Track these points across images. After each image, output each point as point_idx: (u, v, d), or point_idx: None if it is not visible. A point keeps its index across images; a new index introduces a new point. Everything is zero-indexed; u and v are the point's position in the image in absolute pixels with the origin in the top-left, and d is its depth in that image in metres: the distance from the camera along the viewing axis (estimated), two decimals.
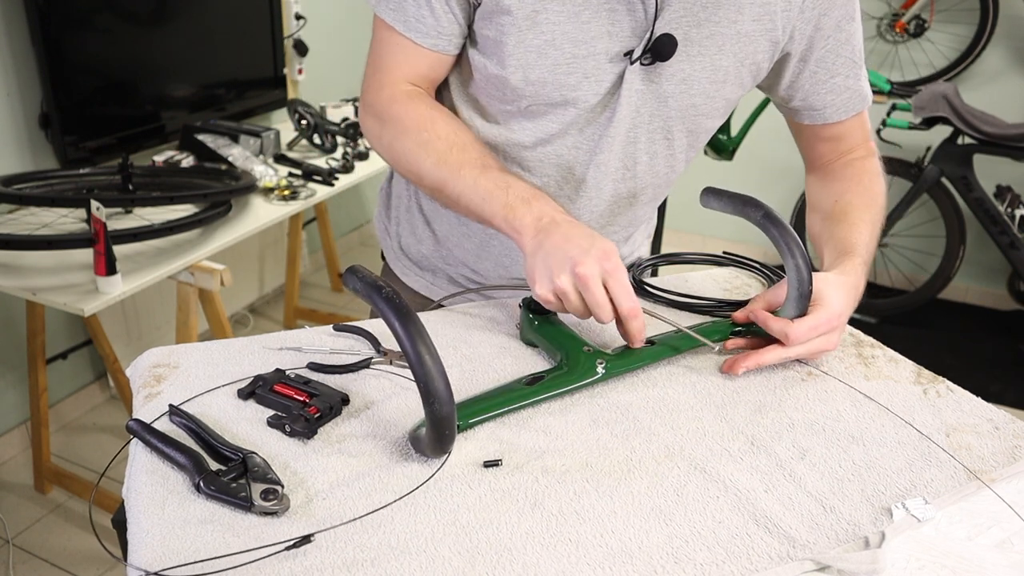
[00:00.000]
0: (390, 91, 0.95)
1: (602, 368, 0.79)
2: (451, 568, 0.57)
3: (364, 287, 0.65)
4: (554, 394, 0.77)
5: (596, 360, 0.79)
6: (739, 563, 0.59)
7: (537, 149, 0.96)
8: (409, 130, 0.93)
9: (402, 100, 0.94)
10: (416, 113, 0.93)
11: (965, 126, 2.82)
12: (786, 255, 0.79)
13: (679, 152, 1.00)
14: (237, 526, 0.60)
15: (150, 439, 0.68)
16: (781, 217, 0.81)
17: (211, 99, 2.56)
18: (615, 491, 0.66)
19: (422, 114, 0.93)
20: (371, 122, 0.98)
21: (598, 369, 0.79)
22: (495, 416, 0.75)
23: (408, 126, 0.93)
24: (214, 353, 0.83)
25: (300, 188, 2.27)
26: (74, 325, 2.40)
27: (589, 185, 0.98)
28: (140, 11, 2.26)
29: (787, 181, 3.57)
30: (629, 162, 0.97)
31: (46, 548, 2.04)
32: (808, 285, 0.80)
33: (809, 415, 0.77)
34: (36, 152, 2.18)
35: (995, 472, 0.69)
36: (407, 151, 0.93)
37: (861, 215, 0.97)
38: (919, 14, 3.16)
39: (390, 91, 0.95)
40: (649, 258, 1.11)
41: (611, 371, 0.80)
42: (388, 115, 0.95)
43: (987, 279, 3.42)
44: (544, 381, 0.78)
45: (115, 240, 1.68)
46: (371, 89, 0.97)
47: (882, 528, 0.62)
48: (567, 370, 0.79)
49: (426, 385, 0.62)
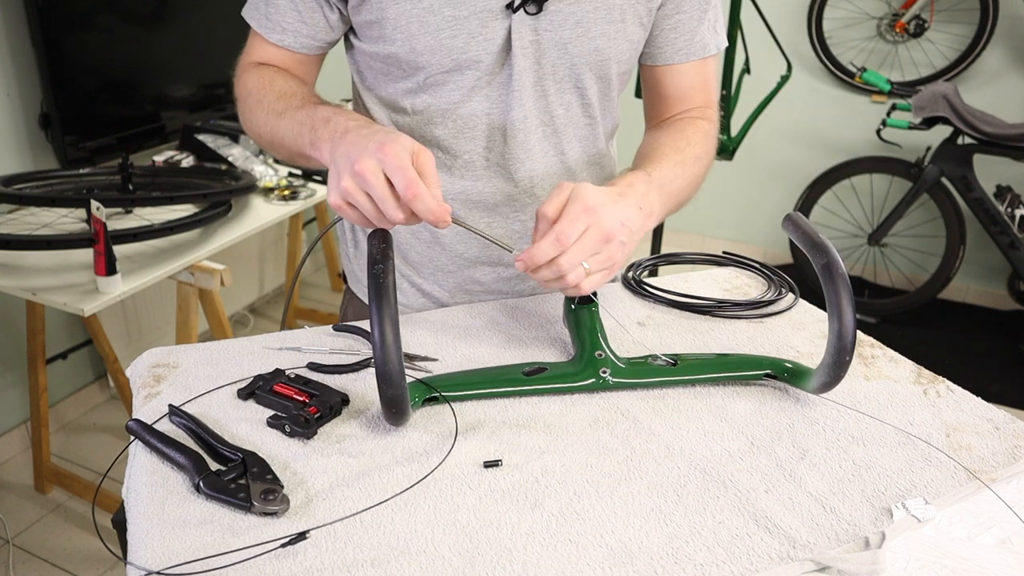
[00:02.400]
0: (243, 67, 1.00)
1: (606, 375, 0.78)
2: (451, 568, 0.57)
3: None
4: (546, 388, 0.77)
5: (601, 367, 0.79)
6: (739, 563, 0.59)
7: (448, 123, 0.95)
8: (251, 92, 0.96)
9: (250, 70, 0.99)
10: (258, 76, 0.97)
11: (965, 126, 2.82)
12: (832, 315, 0.70)
13: (594, 101, 0.98)
14: (237, 526, 0.60)
15: (150, 439, 0.68)
16: (843, 272, 0.71)
17: (211, 99, 2.56)
18: (615, 491, 0.66)
19: (262, 75, 0.97)
20: (237, 104, 1.01)
21: (601, 375, 0.78)
22: (481, 397, 0.76)
23: (250, 89, 0.97)
24: (214, 353, 0.83)
25: (300, 188, 2.27)
26: (74, 325, 2.40)
27: (515, 146, 0.95)
28: (140, 11, 2.26)
29: (787, 181, 3.57)
30: (546, 117, 0.96)
31: (46, 548, 2.04)
32: (848, 355, 0.70)
33: (809, 415, 0.77)
34: (36, 152, 2.18)
35: (995, 472, 0.69)
36: (249, 111, 0.97)
37: (669, 150, 0.93)
38: (919, 14, 3.16)
39: (243, 67, 1.00)
40: (649, 258, 1.11)
41: (614, 383, 0.78)
42: (238, 87, 0.99)
43: (987, 279, 3.42)
44: (543, 375, 0.78)
45: (115, 240, 1.68)
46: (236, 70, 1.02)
47: (882, 528, 0.62)
48: (571, 370, 0.79)
49: (380, 362, 0.64)
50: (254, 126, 0.97)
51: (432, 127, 0.96)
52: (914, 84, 3.17)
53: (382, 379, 0.65)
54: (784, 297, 0.99)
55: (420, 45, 0.89)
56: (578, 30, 0.90)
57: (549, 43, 0.90)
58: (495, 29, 0.88)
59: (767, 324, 0.94)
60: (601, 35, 0.91)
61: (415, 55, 0.90)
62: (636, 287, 1.01)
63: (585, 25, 0.90)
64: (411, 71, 0.92)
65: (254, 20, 0.98)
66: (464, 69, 0.91)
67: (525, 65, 0.91)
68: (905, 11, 3.17)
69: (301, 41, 0.96)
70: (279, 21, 0.95)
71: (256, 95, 0.95)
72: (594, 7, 0.89)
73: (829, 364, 0.72)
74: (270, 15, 0.95)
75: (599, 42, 0.92)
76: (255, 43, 1.00)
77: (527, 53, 0.90)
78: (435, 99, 0.94)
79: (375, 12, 0.89)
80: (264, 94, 0.94)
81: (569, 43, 0.91)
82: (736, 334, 0.91)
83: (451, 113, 0.94)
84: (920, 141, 3.15)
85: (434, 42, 0.89)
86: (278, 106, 0.92)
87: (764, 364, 0.80)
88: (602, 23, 0.91)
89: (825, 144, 3.48)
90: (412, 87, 0.94)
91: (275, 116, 0.92)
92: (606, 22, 0.91)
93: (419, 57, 0.90)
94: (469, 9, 0.87)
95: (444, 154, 0.97)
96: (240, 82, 1.00)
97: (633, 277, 1.03)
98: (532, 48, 0.90)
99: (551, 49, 0.91)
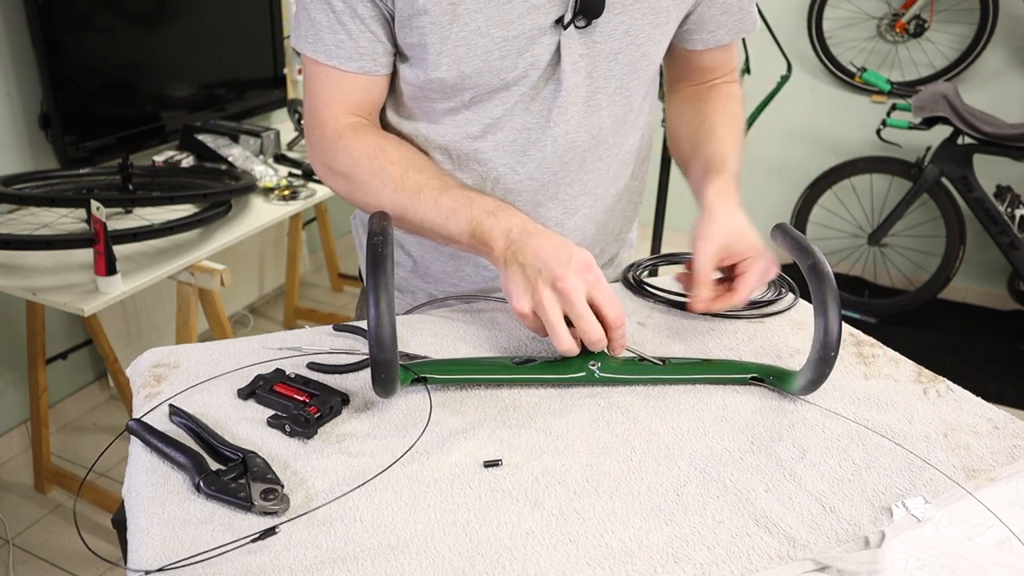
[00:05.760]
0: (333, 127, 0.92)
1: (595, 369, 0.79)
2: (451, 568, 0.57)
3: None
4: (534, 378, 0.78)
5: (590, 361, 0.79)
6: (739, 563, 0.59)
7: (487, 137, 0.93)
8: (360, 162, 0.90)
9: (347, 135, 0.91)
10: (364, 144, 0.91)
11: (965, 126, 2.82)
12: (818, 313, 0.73)
13: (636, 104, 0.98)
14: (237, 526, 0.60)
15: (150, 439, 0.68)
16: (828, 272, 0.74)
17: (211, 99, 2.56)
18: (615, 491, 0.66)
19: (370, 144, 0.91)
20: (321, 167, 0.95)
21: (590, 369, 0.79)
22: (466, 380, 0.77)
23: (359, 158, 0.90)
24: (214, 353, 0.83)
25: (300, 188, 2.27)
26: (74, 325, 2.40)
27: (554, 159, 0.94)
28: (140, 11, 2.26)
29: (787, 181, 3.57)
30: (594, 130, 0.95)
31: (46, 548, 2.04)
32: (832, 351, 0.73)
33: (809, 415, 0.77)
34: (36, 152, 2.18)
35: (994, 472, 0.69)
36: (363, 184, 0.91)
37: (727, 132, 0.98)
38: (919, 14, 3.16)
39: (333, 127, 0.92)
40: (649, 258, 1.11)
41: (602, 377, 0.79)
42: (335, 152, 0.92)
43: (987, 279, 3.42)
44: (532, 364, 0.79)
45: (115, 240, 1.68)
46: (313, 128, 0.94)
47: (882, 528, 0.62)
48: (560, 362, 0.80)
49: (373, 327, 0.66)
50: (369, 199, 0.91)
51: (471, 140, 0.94)
52: (914, 84, 3.17)
53: (374, 342, 0.66)
54: (784, 297, 0.99)
55: (469, 68, 0.87)
56: (627, 38, 0.89)
57: (600, 55, 0.89)
58: (543, 45, 0.87)
59: (767, 324, 0.94)
60: (648, 40, 0.90)
61: (462, 79, 0.87)
62: (636, 287, 1.01)
63: (634, 33, 0.89)
64: (455, 93, 0.90)
65: (321, 53, 0.88)
66: (511, 86, 0.89)
67: (576, 80, 0.89)
68: (905, 11, 3.17)
69: (381, 61, 0.89)
70: (354, 47, 0.88)
71: (369, 166, 0.89)
72: (642, 13, 0.88)
73: (815, 360, 0.74)
74: (341, 43, 0.87)
75: (647, 47, 0.91)
76: (328, 85, 0.90)
77: (578, 68, 0.89)
78: (477, 115, 0.92)
79: (417, 36, 0.86)
80: (382, 165, 0.89)
81: (620, 53, 0.90)
82: (736, 334, 0.91)
83: (492, 127, 0.92)
84: (920, 141, 3.15)
85: (483, 64, 0.86)
86: (408, 183, 0.87)
87: (750, 369, 0.82)
88: (649, 28, 0.89)
89: (825, 144, 3.48)
90: (454, 106, 0.92)
91: (407, 194, 0.87)
92: (653, 26, 0.90)
93: (466, 80, 0.88)
94: (518, 28, 0.85)
95: (480, 164, 0.95)
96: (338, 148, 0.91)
97: (633, 277, 1.03)
98: (584, 63, 0.89)
99: (602, 62, 0.90)
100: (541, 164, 0.95)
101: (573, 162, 0.96)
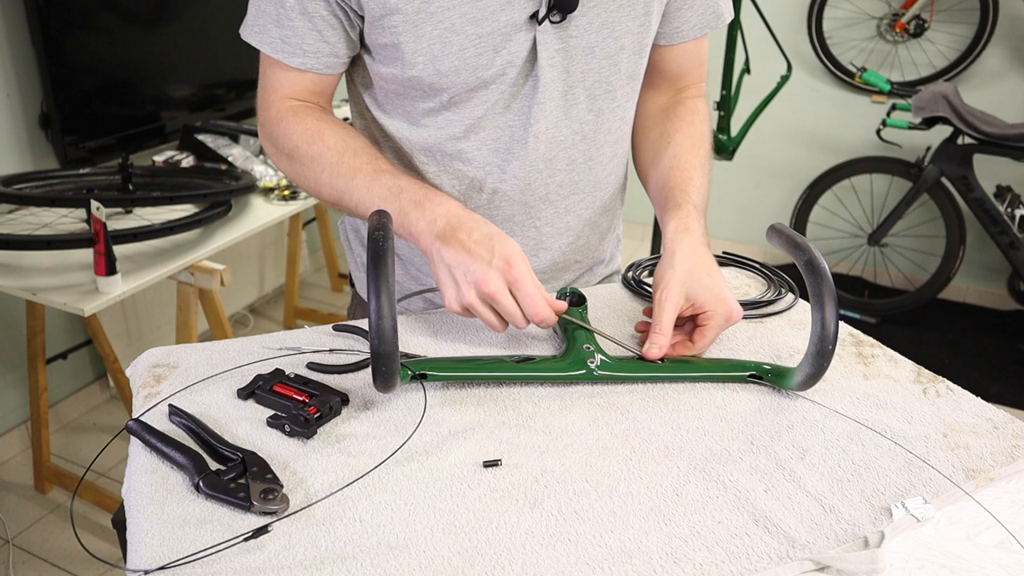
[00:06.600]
0: (276, 109, 0.94)
1: (593, 366, 0.79)
2: (450, 567, 0.57)
3: None
4: (533, 375, 0.78)
5: (589, 359, 0.79)
6: (739, 563, 0.59)
7: (470, 138, 0.93)
8: (300, 147, 0.92)
9: (287, 117, 0.93)
10: (302, 127, 0.92)
11: (965, 126, 2.82)
12: (815, 307, 0.74)
13: (620, 98, 0.97)
14: (237, 526, 0.60)
15: (150, 439, 0.68)
16: (824, 267, 0.75)
17: (211, 99, 2.56)
18: (614, 491, 0.66)
19: (309, 127, 0.92)
20: (268, 146, 0.97)
21: (588, 367, 0.79)
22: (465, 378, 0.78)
23: (297, 142, 0.92)
24: (214, 353, 0.83)
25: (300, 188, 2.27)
26: (74, 325, 2.40)
27: (536, 157, 0.94)
28: (140, 11, 2.26)
29: (787, 181, 3.57)
30: (575, 125, 0.94)
31: (46, 548, 2.04)
32: (830, 344, 0.73)
33: (809, 415, 0.77)
34: (36, 152, 2.18)
35: (993, 472, 0.69)
36: (303, 168, 0.93)
37: (691, 158, 0.97)
38: (919, 14, 3.16)
39: (276, 109, 0.94)
40: (649, 258, 1.12)
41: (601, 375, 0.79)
42: (278, 135, 0.94)
43: (987, 279, 3.42)
44: (531, 363, 0.79)
45: (115, 240, 1.68)
46: (260, 110, 0.97)
47: (882, 528, 0.62)
48: (559, 361, 0.80)
49: (374, 320, 0.67)
50: (307, 182, 0.93)
51: (454, 141, 0.94)
52: (914, 84, 3.17)
53: (375, 335, 0.67)
54: (784, 297, 0.99)
55: (444, 67, 0.86)
56: (603, 32, 0.88)
57: (576, 50, 0.89)
58: (519, 42, 0.86)
59: (767, 324, 0.94)
60: (626, 32, 0.90)
61: (439, 77, 0.87)
62: (636, 287, 1.01)
63: (610, 26, 0.88)
64: (433, 92, 0.90)
65: (266, 45, 0.90)
66: (489, 84, 0.89)
67: (552, 76, 0.89)
68: (905, 11, 3.17)
69: (325, 61, 0.90)
70: (299, 44, 0.89)
71: (307, 150, 0.91)
72: (617, 6, 0.88)
73: (813, 354, 0.75)
74: (287, 38, 0.89)
75: (624, 40, 0.90)
76: (274, 73, 0.93)
77: (554, 63, 0.88)
78: (458, 115, 0.92)
79: (389, 36, 0.86)
80: (320, 151, 0.90)
81: (596, 47, 0.89)
82: (736, 334, 0.91)
83: (474, 127, 0.92)
84: (920, 141, 3.15)
85: (459, 62, 0.86)
86: (343, 168, 0.89)
87: (748, 366, 0.82)
88: (626, 20, 0.89)
89: (825, 144, 3.48)
90: (434, 106, 0.92)
91: (342, 179, 0.88)
92: (629, 18, 0.89)
93: (443, 79, 0.88)
94: (493, 25, 0.84)
95: (464, 165, 0.95)
96: (279, 130, 0.93)
97: (633, 277, 1.03)
98: (560, 57, 0.88)
99: (579, 56, 0.89)
100: (526, 163, 0.94)
101: (559, 160, 0.96)
